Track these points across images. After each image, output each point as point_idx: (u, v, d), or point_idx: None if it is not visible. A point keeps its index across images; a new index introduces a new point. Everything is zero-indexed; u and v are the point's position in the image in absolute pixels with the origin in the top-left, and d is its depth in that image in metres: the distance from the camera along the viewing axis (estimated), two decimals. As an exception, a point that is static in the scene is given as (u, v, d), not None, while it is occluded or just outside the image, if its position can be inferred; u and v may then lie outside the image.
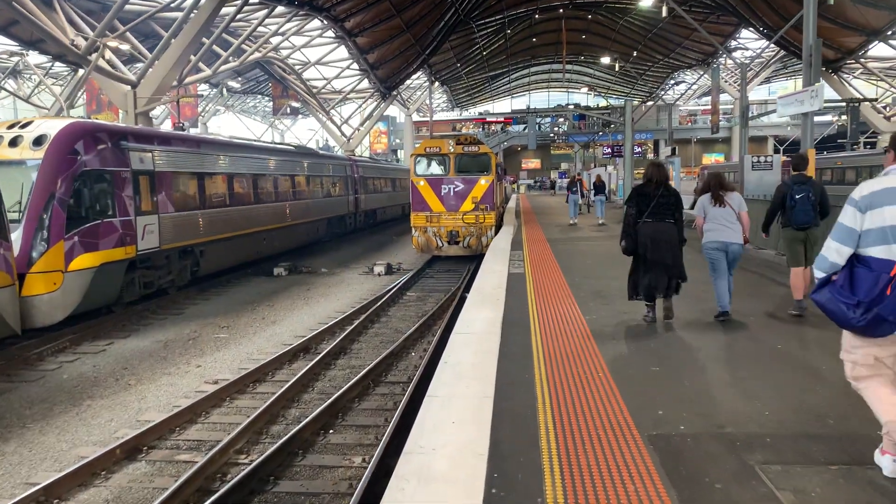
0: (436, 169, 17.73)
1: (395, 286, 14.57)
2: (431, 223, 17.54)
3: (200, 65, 28.74)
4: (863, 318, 2.95)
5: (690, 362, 5.23)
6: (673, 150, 22.89)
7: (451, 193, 17.43)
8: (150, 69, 21.03)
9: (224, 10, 25.68)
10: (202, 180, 14.73)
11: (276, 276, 17.27)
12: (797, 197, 6.71)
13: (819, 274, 3.22)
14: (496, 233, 17.54)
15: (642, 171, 6.93)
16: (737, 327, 6.37)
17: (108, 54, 21.81)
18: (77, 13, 23.60)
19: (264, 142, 21.40)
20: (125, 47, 20.70)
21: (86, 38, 20.78)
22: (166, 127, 36.93)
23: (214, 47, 29.13)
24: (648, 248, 6.38)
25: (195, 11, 20.40)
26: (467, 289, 13.16)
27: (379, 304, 12.59)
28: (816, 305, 3.21)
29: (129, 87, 20.89)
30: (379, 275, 17.04)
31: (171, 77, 21.32)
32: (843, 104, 55.20)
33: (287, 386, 7.69)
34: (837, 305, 3.05)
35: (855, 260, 3.08)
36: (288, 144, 22.76)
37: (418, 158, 17.96)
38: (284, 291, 14.89)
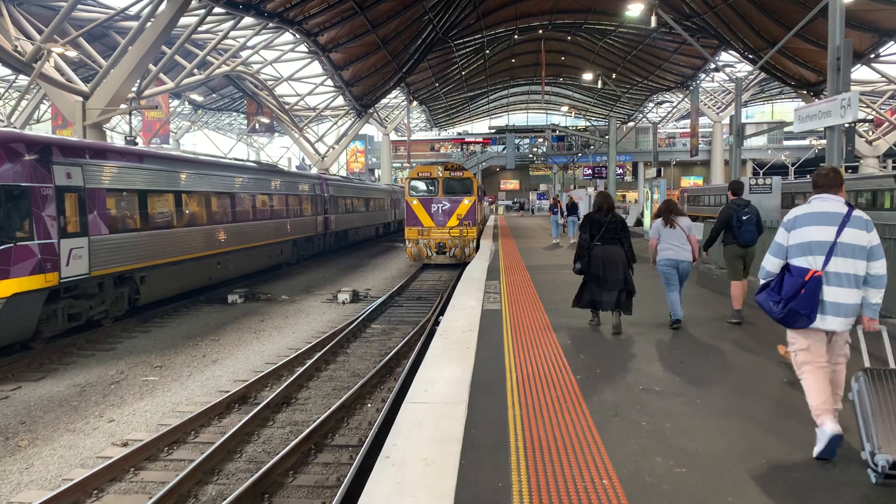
0: (427, 190, 20.64)
1: (359, 317, 13.17)
2: (423, 236, 20.51)
3: (163, 77, 27.37)
4: (781, 311, 3.84)
5: (724, 456, 3.89)
6: (658, 172, 21.97)
7: (440, 211, 20.41)
8: (105, 79, 19.55)
9: (187, 21, 24.47)
10: (144, 198, 13.23)
11: (231, 303, 15.74)
12: (743, 218, 7.52)
13: (761, 281, 4.10)
14: (477, 244, 20.51)
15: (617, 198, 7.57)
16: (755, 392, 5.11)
17: (57, 61, 20.33)
18: (30, 21, 22.10)
19: (222, 157, 19.93)
20: (72, 54, 19.19)
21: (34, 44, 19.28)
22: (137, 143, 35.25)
23: (179, 59, 27.79)
24: (600, 268, 7.11)
25: (153, 19, 19.06)
26: (438, 322, 11.82)
27: (338, 339, 11.15)
28: (758, 304, 4.07)
29: (80, 98, 19.39)
30: (343, 303, 15.61)
31: (127, 88, 19.88)
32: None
33: (208, 452, 6.23)
34: (767, 303, 3.94)
35: (785, 269, 3.95)
36: (250, 161, 21.35)
37: (412, 181, 20.97)
38: (235, 323, 13.37)
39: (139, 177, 13.16)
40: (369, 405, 7.99)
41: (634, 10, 15.03)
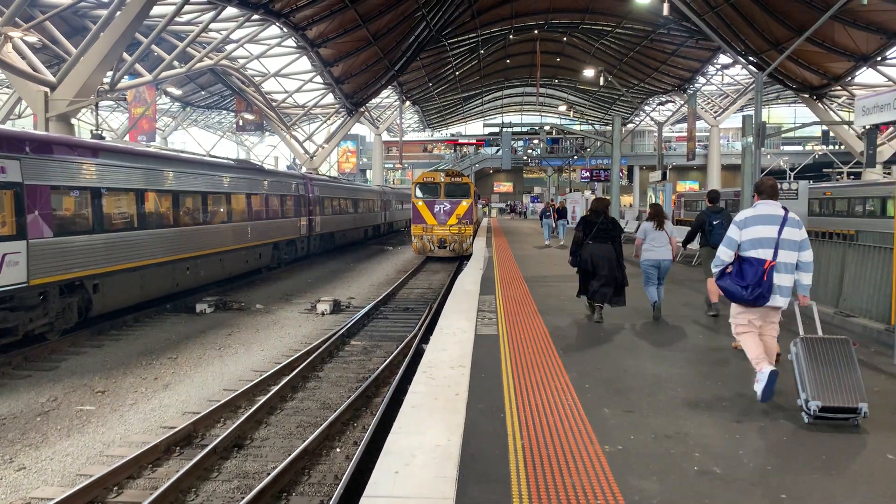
0: (430, 193, 23.55)
1: (338, 330, 11.83)
2: (426, 233, 23.35)
3: (140, 68, 25.95)
4: (752, 294, 4.78)
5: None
6: (664, 175, 20.66)
7: (441, 211, 23.24)
8: (74, 68, 18.11)
9: (166, 10, 23.10)
10: (99, 197, 11.82)
11: (199, 313, 14.35)
12: (714, 223, 8.47)
13: (715, 270, 5.11)
14: (473, 239, 23.43)
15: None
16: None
17: (21, 48, 18.86)
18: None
19: (192, 153, 18.49)
20: (32, 39, 17.75)
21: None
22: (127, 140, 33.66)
23: (162, 53, 26.38)
24: (591, 264, 7.97)
25: (125, 5, 17.67)
26: (425, 340, 10.51)
27: (311, 359, 9.81)
28: (720, 289, 5.04)
29: (42, 88, 17.94)
30: (323, 314, 14.25)
31: (97, 78, 18.45)
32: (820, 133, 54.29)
33: (125, 522, 4.89)
34: (735, 287, 4.87)
35: (742, 259, 4.90)
36: (227, 158, 19.93)
37: (418, 185, 24.00)
38: (199, 337, 11.98)
39: (93, 173, 11.76)
40: (338, 450, 6.65)
41: (645, -2, 13.77)
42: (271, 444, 6.81)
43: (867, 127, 15.85)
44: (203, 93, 49.00)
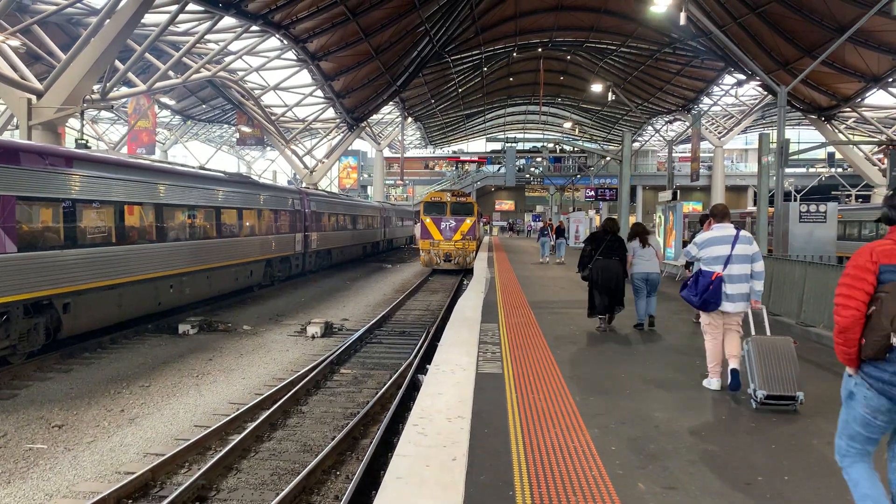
0: (437, 211, 25.58)
1: (327, 357, 10.94)
2: (433, 247, 25.39)
3: (137, 80, 25.36)
4: (699, 302, 5.80)
5: None
6: (674, 195, 19.88)
7: (447, 228, 25.29)
8: (61, 76, 17.41)
9: (160, 19, 22.52)
10: (72, 209, 10.98)
11: (182, 335, 13.45)
12: None
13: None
14: (476, 254, 25.46)
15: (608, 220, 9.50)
16: None
17: (7, 52, 18.17)
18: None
19: (178, 165, 17.60)
20: (15, 43, 17.06)
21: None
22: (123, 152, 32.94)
23: (154, 60, 25.80)
24: (599, 276, 8.75)
25: (117, 10, 17.04)
26: (421, 369, 9.67)
27: (295, 389, 8.92)
28: (682, 297, 6.04)
29: (26, 95, 17.23)
30: (313, 337, 13.35)
31: (86, 86, 17.77)
32: (822, 156, 53.76)
33: None
34: (688, 296, 5.91)
35: (700, 273, 5.86)
36: (216, 171, 19.10)
37: (426, 204, 26.28)
38: (177, 362, 11.07)
39: (66, 183, 10.93)
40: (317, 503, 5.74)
41: (661, 6, 13.09)
42: (239, 496, 5.89)
43: (890, 148, 15.08)
44: (204, 106, 48.45)
